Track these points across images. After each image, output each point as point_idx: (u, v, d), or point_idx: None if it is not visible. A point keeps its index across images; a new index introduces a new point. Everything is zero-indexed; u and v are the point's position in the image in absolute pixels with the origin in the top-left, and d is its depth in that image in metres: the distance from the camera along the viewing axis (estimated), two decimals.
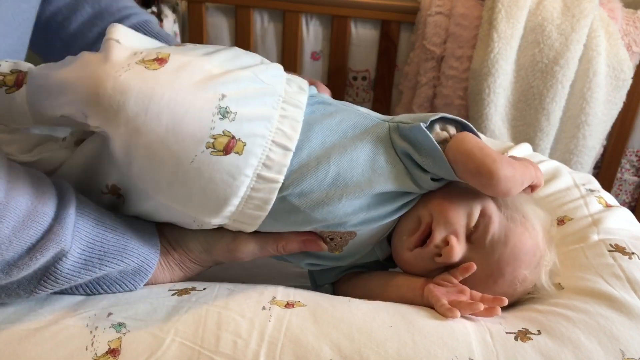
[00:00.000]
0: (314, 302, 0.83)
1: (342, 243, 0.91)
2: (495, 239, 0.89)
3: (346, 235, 0.90)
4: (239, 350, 0.73)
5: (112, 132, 0.77)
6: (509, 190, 0.86)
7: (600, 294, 0.87)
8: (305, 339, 0.75)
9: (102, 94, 0.74)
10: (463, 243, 0.89)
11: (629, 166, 2.20)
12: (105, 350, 0.72)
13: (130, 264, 0.82)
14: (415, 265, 0.92)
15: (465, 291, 0.86)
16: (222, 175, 0.79)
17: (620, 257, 0.94)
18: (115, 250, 0.80)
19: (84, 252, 0.77)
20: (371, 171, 0.87)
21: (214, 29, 2.13)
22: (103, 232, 0.80)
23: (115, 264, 0.80)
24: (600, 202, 1.12)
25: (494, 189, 0.85)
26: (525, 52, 1.97)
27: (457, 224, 0.89)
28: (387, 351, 0.74)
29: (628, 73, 1.97)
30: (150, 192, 0.82)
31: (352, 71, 2.20)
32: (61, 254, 0.74)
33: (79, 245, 0.76)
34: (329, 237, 0.91)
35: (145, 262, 0.84)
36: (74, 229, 0.76)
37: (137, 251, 0.82)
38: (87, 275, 0.78)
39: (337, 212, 0.85)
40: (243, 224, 0.86)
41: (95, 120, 0.77)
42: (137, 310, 0.78)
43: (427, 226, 0.89)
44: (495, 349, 0.77)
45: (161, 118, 0.75)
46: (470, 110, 2.04)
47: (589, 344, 0.78)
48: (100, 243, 0.79)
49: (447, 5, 2.04)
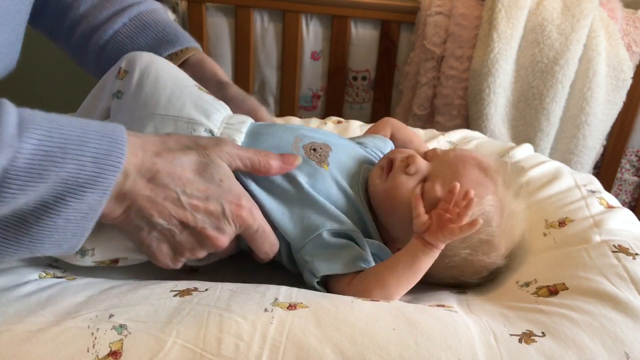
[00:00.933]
0: (317, 304, 0.82)
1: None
2: (444, 152, 1.08)
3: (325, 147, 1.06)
4: (241, 353, 0.73)
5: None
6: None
7: (604, 295, 0.86)
8: (307, 342, 0.75)
9: None
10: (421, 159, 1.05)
11: (629, 166, 2.20)
12: (107, 352, 0.71)
13: (99, 145, 0.76)
14: (395, 188, 1.02)
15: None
16: None
17: (624, 257, 0.94)
18: (77, 136, 0.74)
19: (42, 145, 0.71)
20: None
21: (214, 29, 2.13)
22: (59, 121, 0.74)
23: (81, 151, 0.74)
24: (601, 203, 1.12)
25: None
26: (525, 52, 1.97)
27: (410, 151, 1.08)
28: (390, 354, 0.74)
29: (628, 73, 1.97)
30: (151, 110, 0.98)
31: (352, 71, 2.20)
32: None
33: (33, 139, 0.70)
34: (312, 148, 1.04)
35: (114, 139, 0.78)
36: (20, 126, 0.70)
37: (101, 131, 0.77)
38: (51, 169, 0.71)
39: None
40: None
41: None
42: (138, 312, 0.78)
43: (389, 160, 1.06)
44: (500, 351, 0.76)
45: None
46: (470, 110, 2.04)
47: (593, 346, 0.78)
48: (59, 131, 0.73)
49: (447, 5, 2.04)
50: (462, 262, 1.01)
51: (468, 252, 1.00)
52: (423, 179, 1.03)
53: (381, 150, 1.17)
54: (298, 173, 1.00)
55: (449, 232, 0.92)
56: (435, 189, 1.00)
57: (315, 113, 2.25)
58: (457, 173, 1.00)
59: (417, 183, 1.02)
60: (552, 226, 1.09)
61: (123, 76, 1.03)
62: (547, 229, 1.09)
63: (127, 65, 1.04)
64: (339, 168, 1.05)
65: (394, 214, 1.03)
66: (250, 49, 2.14)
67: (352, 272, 0.96)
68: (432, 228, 0.93)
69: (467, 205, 0.92)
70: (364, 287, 0.94)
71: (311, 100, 2.25)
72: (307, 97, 2.24)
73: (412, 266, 0.94)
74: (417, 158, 1.04)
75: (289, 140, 1.05)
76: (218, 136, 0.92)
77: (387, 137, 1.23)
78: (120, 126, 0.80)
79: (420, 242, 0.94)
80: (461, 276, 1.03)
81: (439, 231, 0.92)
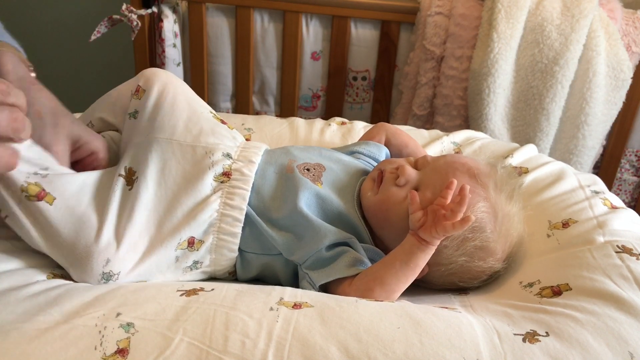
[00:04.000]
0: (321, 303, 0.83)
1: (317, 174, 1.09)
2: (435, 159, 1.10)
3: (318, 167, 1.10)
4: (247, 350, 0.73)
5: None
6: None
7: (608, 295, 0.87)
8: (312, 340, 0.75)
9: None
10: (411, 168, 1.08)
11: (629, 166, 2.20)
12: (114, 350, 0.72)
13: None
14: (386, 200, 1.04)
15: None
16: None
17: (628, 258, 0.94)
18: None
19: None
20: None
21: (214, 29, 2.13)
22: None
23: None
24: (605, 204, 1.12)
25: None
26: (525, 52, 1.97)
27: (400, 161, 1.10)
28: (395, 352, 0.74)
29: (628, 73, 1.97)
30: (168, 135, 1.02)
31: (352, 71, 2.20)
32: None
33: None
34: (305, 168, 1.09)
35: None
36: None
37: None
38: None
39: None
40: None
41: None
42: (145, 310, 0.78)
43: (379, 172, 1.08)
44: (504, 350, 0.77)
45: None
46: (470, 110, 2.04)
47: (597, 346, 0.78)
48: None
49: (447, 5, 2.04)
50: (459, 269, 1.02)
51: (464, 260, 1.01)
52: (414, 189, 1.04)
53: (375, 157, 1.19)
54: (299, 197, 1.03)
55: (442, 228, 0.93)
56: (426, 197, 1.01)
57: (315, 113, 2.25)
58: (447, 182, 1.00)
59: (407, 194, 1.03)
60: (555, 227, 1.09)
61: (141, 95, 1.05)
62: (551, 230, 1.09)
63: (145, 84, 1.07)
64: (332, 186, 1.07)
65: (387, 225, 1.04)
66: (250, 49, 2.14)
67: (351, 276, 0.97)
68: (426, 224, 0.95)
69: (460, 202, 0.93)
70: (365, 286, 0.95)
71: (311, 101, 2.25)
72: (307, 97, 2.24)
73: (409, 263, 0.95)
74: (407, 168, 1.07)
75: (283, 163, 1.09)
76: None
77: (381, 143, 1.24)
78: None
79: (415, 238, 0.96)
80: (460, 282, 1.04)
81: (432, 227, 0.94)
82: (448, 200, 0.96)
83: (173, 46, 2.06)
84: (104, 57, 2.66)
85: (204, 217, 0.98)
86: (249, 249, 1.03)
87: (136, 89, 1.07)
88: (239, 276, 1.05)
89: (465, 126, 2.03)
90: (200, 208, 0.98)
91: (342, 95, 2.22)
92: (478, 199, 1.01)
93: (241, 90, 2.21)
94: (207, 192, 1.00)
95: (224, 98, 2.21)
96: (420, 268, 0.97)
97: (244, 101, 2.22)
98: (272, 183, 1.06)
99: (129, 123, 1.06)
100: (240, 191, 1.01)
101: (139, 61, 2.07)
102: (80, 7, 2.70)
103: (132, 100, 1.07)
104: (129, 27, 1.91)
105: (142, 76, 1.08)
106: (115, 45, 2.49)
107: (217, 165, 1.01)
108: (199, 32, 2.10)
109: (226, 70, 2.19)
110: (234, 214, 1.00)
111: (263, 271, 1.06)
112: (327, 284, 0.98)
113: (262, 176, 1.06)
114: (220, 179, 1.01)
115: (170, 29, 2.03)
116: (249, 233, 1.02)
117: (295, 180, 1.05)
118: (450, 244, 0.99)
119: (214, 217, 0.99)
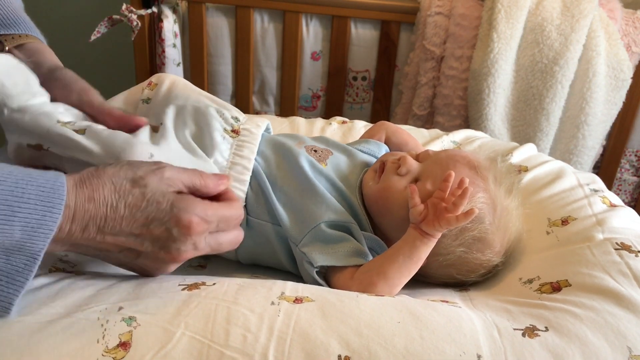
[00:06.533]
0: (322, 298, 0.83)
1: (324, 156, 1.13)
2: (436, 153, 1.11)
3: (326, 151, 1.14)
4: (248, 344, 0.73)
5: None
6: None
7: (607, 291, 0.87)
8: (313, 334, 0.75)
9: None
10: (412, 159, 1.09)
11: (629, 166, 2.21)
12: (116, 343, 0.72)
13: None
14: (387, 188, 1.06)
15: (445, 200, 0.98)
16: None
17: (627, 254, 0.95)
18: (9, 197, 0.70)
19: None
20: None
21: (214, 29, 2.13)
22: None
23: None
24: (604, 202, 1.12)
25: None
26: (525, 52, 1.97)
27: (402, 153, 1.12)
28: (395, 346, 0.75)
29: (627, 73, 1.98)
30: (182, 101, 1.09)
31: (352, 71, 2.20)
32: None
33: None
34: (313, 149, 1.13)
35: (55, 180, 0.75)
36: None
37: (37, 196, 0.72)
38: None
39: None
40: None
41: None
42: (147, 305, 0.78)
43: (381, 163, 1.10)
44: (503, 345, 0.77)
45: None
46: (470, 110, 2.04)
47: (596, 341, 0.78)
48: None
49: (447, 5, 2.04)
50: (457, 260, 1.03)
51: (462, 250, 1.01)
52: (415, 179, 1.06)
53: (375, 155, 1.19)
54: (303, 163, 1.06)
55: (446, 221, 0.94)
56: (426, 187, 1.02)
57: (315, 113, 2.26)
58: (447, 172, 1.01)
59: (408, 183, 1.04)
60: (555, 225, 1.10)
61: (153, 87, 1.12)
62: (550, 227, 1.10)
63: (156, 80, 1.13)
64: (336, 170, 1.10)
65: (387, 214, 1.05)
66: (250, 49, 2.14)
67: (352, 266, 0.98)
68: (428, 218, 0.96)
69: (462, 195, 0.94)
70: (367, 280, 0.95)
71: (311, 101, 2.25)
72: (307, 97, 2.25)
73: (412, 256, 0.96)
74: (408, 159, 1.08)
75: (291, 143, 1.12)
76: (161, 161, 0.89)
77: (381, 141, 1.25)
78: (59, 182, 0.75)
79: (417, 232, 0.97)
80: (458, 274, 1.04)
81: (435, 221, 0.95)
82: (446, 193, 0.97)
83: (173, 46, 2.06)
84: (104, 57, 2.67)
85: (215, 162, 1.03)
86: (254, 214, 1.05)
87: (148, 83, 1.13)
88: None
89: (465, 126, 2.03)
90: (211, 152, 1.03)
91: (342, 95, 2.23)
92: (477, 189, 1.03)
93: (241, 90, 2.21)
94: (218, 140, 1.05)
95: (224, 98, 2.22)
96: (422, 261, 0.98)
97: (244, 101, 2.23)
98: (279, 154, 1.11)
99: (142, 107, 1.11)
100: (249, 145, 1.08)
101: (139, 61, 2.07)
102: (80, 7, 2.70)
103: (145, 90, 1.13)
104: (129, 27, 1.91)
105: (153, 77, 1.15)
106: (115, 45, 2.49)
107: (227, 124, 1.08)
108: (199, 32, 2.11)
109: (226, 70, 2.19)
110: (243, 162, 1.05)
111: (264, 249, 1.07)
112: (326, 269, 0.99)
113: (268, 147, 1.12)
114: (230, 134, 1.07)
115: (170, 29, 2.04)
116: (255, 198, 1.05)
117: (302, 157, 1.09)
118: (448, 233, 1.00)
119: (224, 166, 1.04)
